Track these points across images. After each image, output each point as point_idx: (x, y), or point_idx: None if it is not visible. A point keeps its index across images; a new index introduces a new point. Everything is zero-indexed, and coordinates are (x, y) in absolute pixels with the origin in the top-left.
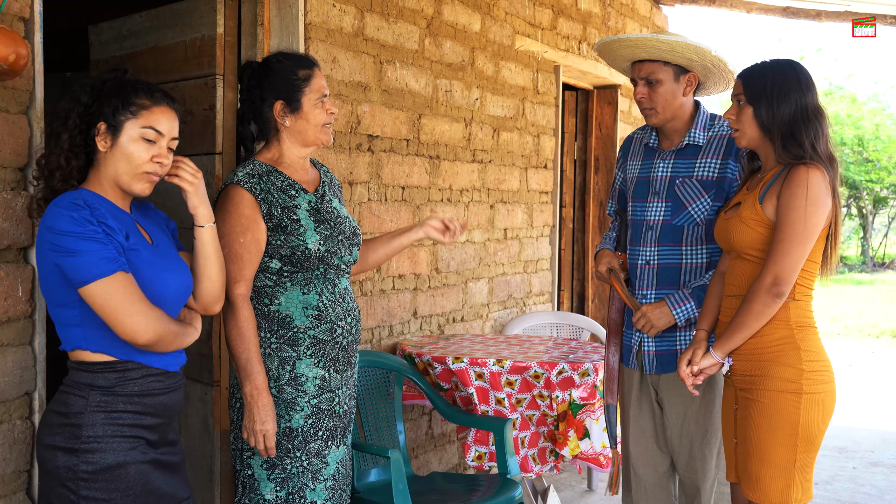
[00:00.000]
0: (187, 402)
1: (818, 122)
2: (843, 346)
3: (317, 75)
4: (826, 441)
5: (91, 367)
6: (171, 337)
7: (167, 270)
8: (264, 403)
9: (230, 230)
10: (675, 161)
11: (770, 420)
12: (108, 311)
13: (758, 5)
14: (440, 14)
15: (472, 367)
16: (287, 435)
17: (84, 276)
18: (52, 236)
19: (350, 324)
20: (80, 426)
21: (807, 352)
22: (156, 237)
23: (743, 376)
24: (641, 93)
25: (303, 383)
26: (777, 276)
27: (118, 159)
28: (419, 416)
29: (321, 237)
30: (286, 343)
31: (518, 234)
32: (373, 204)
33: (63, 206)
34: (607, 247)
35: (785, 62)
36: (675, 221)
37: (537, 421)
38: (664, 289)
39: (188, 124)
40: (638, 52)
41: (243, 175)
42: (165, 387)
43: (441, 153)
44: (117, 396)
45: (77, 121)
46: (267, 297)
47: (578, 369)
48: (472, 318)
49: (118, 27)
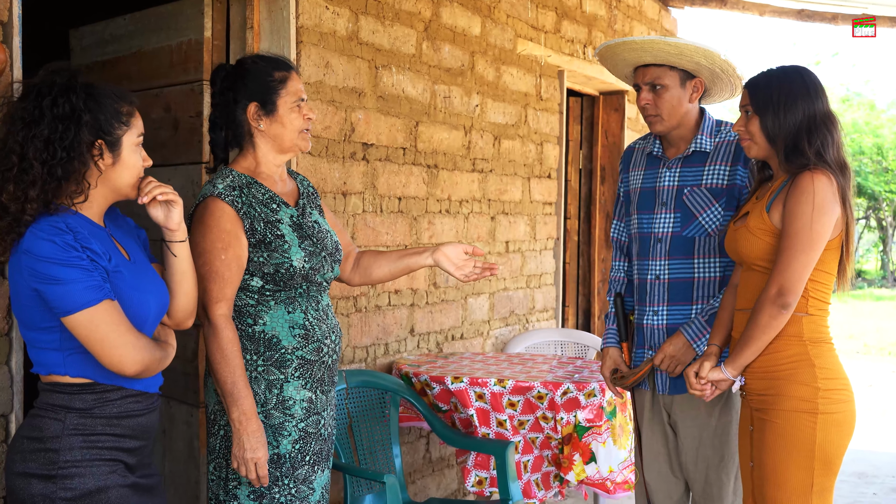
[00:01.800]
0: (172, 425)
1: (827, 130)
2: (863, 365)
3: (294, 78)
4: (845, 465)
5: (67, 389)
6: (155, 364)
7: (147, 290)
8: (254, 429)
9: (211, 246)
10: (682, 169)
11: (785, 441)
12: (94, 341)
13: (771, 7)
14: (438, 17)
15: (472, 387)
16: (275, 462)
17: (68, 306)
18: (33, 262)
19: (334, 342)
20: (57, 451)
21: (822, 369)
22: (131, 251)
23: (757, 396)
24: (646, 99)
25: (290, 407)
26: (782, 287)
27: (120, 174)
28: (416, 438)
29: (306, 254)
30: (273, 365)
31: (520, 248)
32: (367, 215)
33: (44, 229)
34: (612, 344)
35: (792, 69)
36: (685, 233)
37: (541, 444)
38: (676, 304)
39: (175, 132)
40: (644, 56)
41: (224, 187)
42: (144, 408)
43: (439, 162)
44: (96, 419)
45: (56, 142)
46: (250, 316)
47: (584, 389)
48: (472, 336)
49: (100, 31)
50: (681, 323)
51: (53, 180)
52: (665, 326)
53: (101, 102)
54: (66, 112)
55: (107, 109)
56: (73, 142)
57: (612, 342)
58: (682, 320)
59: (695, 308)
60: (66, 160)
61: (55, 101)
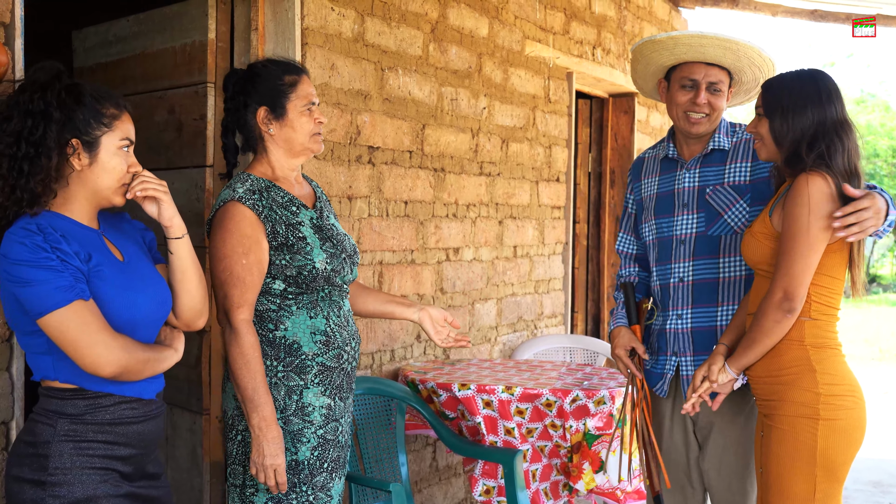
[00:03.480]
0: (174, 432)
1: (837, 137)
2: (878, 371)
3: (304, 82)
4: (859, 474)
5: (60, 394)
6: (139, 366)
7: (137, 290)
8: (274, 436)
9: (231, 251)
10: (702, 169)
11: (786, 448)
12: (67, 342)
13: (783, 8)
14: (445, 18)
15: (479, 394)
16: (293, 468)
17: (39, 308)
18: (7, 265)
19: (354, 348)
20: (48, 456)
21: (824, 374)
22: (128, 252)
23: (763, 401)
24: (707, 99)
25: (310, 413)
26: (786, 291)
27: (98, 176)
28: (423, 446)
29: (328, 255)
30: (293, 371)
31: (528, 252)
32: (373, 220)
33: (16, 232)
34: (622, 323)
35: (808, 73)
36: (710, 232)
37: (549, 452)
38: (701, 307)
39: (179, 135)
40: (726, 56)
41: (244, 191)
42: (140, 415)
43: (446, 166)
44: (87, 425)
45: (24, 137)
46: (271, 321)
47: (594, 397)
48: (480, 342)
49: (104, 32)
50: (706, 326)
51: (21, 176)
52: (690, 330)
53: (81, 101)
54: (39, 108)
55: (86, 109)
56: (42, 138)
57: (622, 322)
58: (707, 323)
59: (720, 310)
60: (32, 156)
61: (30, 98)
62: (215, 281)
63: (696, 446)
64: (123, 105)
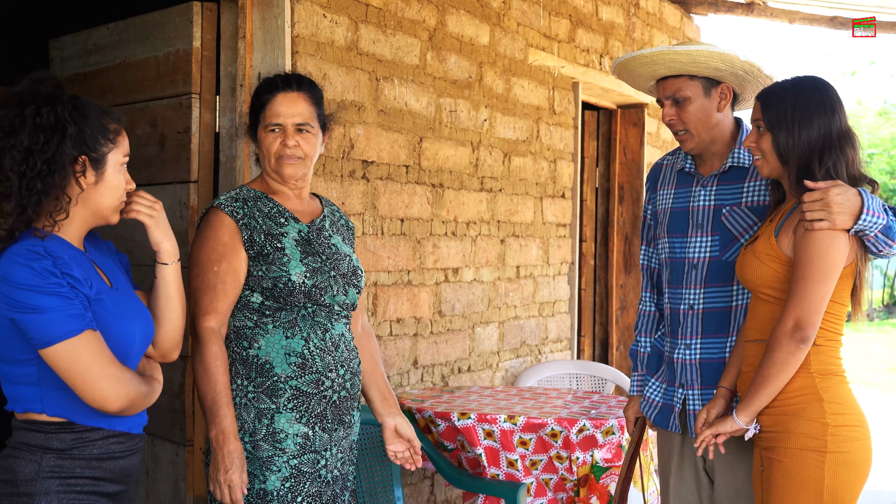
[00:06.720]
0: (156, 465)
1: (841, 150)
2: None
3: (279, 100)
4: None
5: (44, 428)
6: (141, 400)
7: (131, 318)
8: (230, 450)
9: (205, 257)
10: (719, 187)
11: (792, 482)
12: (75, 375)
13: (801, 15)
14: (444, 25)
15: (480, 424)
16: (261, 497)
17: (47, 337)
18: (8, 289)
19: (343, 376)
20: (32, 495)
21: (831, 403)
22: (113, 278)
23: (765, 433)
24: (669, 114)
25: (282, 440)
26: (799, 320)
27: (102, 195)
28: (420, 480)
29: (308, 269)
30: (264, 393)
31: (532, 273)
32: (367, 238)
33: (20, 254)
34: (634, 393)
35: (808, 81)
36: (725, 257)
37: (555, 486)
38: (710, 337)
39: (161, 149)
40: (657, 69)
41: (225, 199)
42: (126, 449)
43: (445, 181)
44: (74, 460)
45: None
46: (246, 339)
47: (602, 427)
48: (481, 368)
49: (82, 41)
50: (715, 358)
51: (32, 195)
52: (698, 361)
53: (88, 116)
54: (50, 122)
55: (93, 124)
56: (56, 154)
57: (634, 392)
58: (716, 354)
59: (730, 340)
60: (46, 173)
61: (38, 111)
62: (189, 288)
63: (707, 484)
64: (120, 120)
